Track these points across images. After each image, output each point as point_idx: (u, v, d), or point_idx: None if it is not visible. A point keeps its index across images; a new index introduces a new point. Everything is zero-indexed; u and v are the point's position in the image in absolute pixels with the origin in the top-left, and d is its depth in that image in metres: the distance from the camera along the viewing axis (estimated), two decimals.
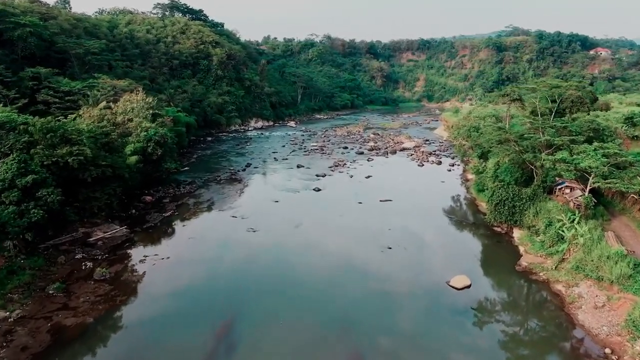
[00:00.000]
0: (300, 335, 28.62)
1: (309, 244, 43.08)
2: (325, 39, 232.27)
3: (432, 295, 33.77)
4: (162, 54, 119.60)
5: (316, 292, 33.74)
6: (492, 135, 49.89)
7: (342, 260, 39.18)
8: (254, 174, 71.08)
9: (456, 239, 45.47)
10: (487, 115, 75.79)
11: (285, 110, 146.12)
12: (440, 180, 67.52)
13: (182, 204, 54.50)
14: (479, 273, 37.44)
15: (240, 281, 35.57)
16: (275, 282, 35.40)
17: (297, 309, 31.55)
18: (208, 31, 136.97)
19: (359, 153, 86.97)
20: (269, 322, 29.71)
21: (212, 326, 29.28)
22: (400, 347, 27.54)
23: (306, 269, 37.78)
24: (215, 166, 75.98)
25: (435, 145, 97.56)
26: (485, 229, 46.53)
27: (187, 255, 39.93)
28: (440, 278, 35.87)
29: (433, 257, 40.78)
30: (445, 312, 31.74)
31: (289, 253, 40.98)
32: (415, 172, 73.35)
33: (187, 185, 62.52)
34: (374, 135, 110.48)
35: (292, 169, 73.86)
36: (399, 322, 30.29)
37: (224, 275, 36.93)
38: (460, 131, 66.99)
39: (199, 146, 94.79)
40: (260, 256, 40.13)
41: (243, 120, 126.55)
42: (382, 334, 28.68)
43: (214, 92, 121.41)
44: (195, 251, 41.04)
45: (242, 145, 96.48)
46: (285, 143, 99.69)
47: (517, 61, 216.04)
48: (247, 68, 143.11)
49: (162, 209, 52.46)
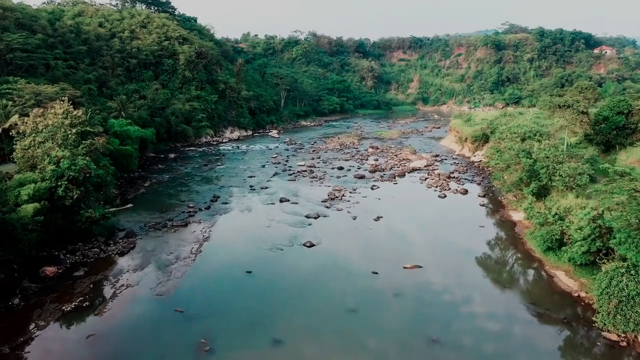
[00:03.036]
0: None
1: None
2: (310, 36, 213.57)
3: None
4: (117, 51, 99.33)
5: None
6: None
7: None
8: (222, 214, 51.99)
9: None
10: (529, 130, 58.03)
11: (267, 117, 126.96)
12: (476, 222, 49.42)
13: (100, 281, 35.22)
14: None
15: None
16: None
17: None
18: (175, 25, 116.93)
19: (359, 177, 68.48)
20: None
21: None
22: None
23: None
24: (170, 201, 56.68)
25: (449, 163, 79.74)
26: (587, 330, 28.56)
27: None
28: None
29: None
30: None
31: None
32: (437, 207, 55.18)
33: (121, 239, 43.16)
34: (372, 148, 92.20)
35: (274, 205, 54.98)
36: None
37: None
38: (502, 156, 48.95)
39: (156, 167, 75.13)
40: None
41: (216, 130, 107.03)
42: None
43: (181, 98, 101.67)
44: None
45: (211, 165, 77.12)
46: (265, 161, 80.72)
47: (518, 60, 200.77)
48: (221, 69, 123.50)
49: (67, 292, 33.24)
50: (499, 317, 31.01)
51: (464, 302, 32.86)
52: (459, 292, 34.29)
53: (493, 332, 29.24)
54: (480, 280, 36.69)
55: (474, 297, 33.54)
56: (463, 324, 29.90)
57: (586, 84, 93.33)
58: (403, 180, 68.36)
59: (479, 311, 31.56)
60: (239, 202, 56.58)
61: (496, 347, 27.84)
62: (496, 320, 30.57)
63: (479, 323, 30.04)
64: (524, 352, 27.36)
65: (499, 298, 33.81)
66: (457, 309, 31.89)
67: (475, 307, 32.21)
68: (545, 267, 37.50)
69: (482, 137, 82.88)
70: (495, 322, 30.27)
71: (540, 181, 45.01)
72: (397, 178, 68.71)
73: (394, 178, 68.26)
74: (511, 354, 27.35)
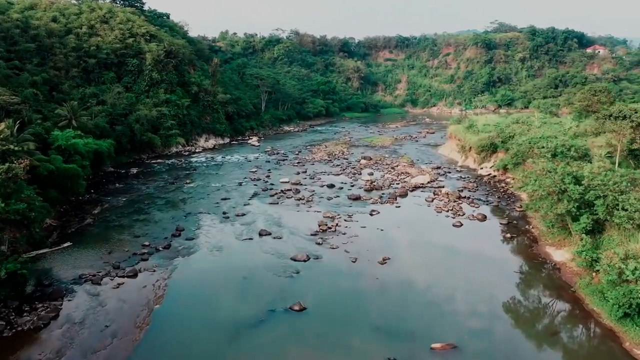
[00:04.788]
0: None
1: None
2: (292, 34, 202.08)
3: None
4: (72, 49, 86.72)
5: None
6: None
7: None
8: (184, 256, 40.61)
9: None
10: (560, 144, 48.11)
11: (246, 123, 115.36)
12: (508, 264, 39.18)
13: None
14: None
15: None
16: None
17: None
18: (141, 21, 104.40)
19: (354, 198, 57.80)
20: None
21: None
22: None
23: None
24: (121, 236, 45.09)
25: (454, 177, 69.72)
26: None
27: None
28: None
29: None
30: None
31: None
32: (454, 240, 44.70)
33: (42, 304, 31.58)
34: (365, 160, 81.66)
35: (252, 241, 43.88)
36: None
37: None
38: (541, 181, 38.67)
39: (112, 186, 63.25)
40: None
41: (188, 138, 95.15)
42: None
43: (147, 102, 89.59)
44: None
45: (179, 183, 65.56)
46: (243, 177, 69.45)
47: (509, 60, 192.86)
48: (195, 69, 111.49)
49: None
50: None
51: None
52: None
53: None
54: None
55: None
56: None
57: (600, 86, 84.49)
58: (405, 201, 57.96)
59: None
60: (207, 236, 45.27)
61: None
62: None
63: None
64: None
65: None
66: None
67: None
68: (625, 343, 27.35)
69: (490, 147, 73.19)
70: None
71: (594, 214, 34.99)
72: (399, 198, 58.27)
73: (395, 199, 57.78)
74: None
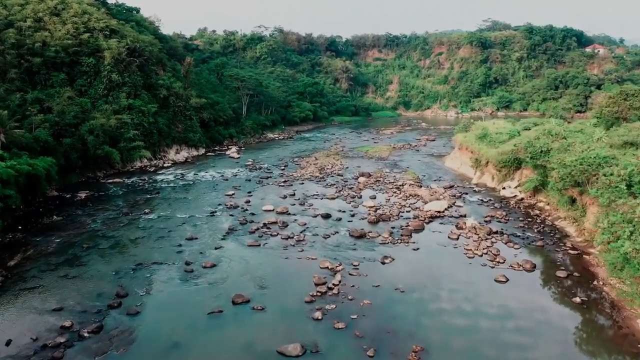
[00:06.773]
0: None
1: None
2: (276, 32, 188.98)
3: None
4: (11, 46, 72.39)
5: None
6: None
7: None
8: (121, 349, 27.20)
9: None
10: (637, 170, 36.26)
11: (224, 130, 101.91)
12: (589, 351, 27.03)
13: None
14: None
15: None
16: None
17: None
18: (100, 14, 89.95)
19: (357, 236, 45.04)
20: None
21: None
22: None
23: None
24: (32, 310, 31.50)
25: (473, 200, 57.74)
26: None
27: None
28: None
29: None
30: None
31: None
32: (504, 309, 32.01)
33: None
34: (363, 177, 69.08)
35: (221, 316, 30.81)
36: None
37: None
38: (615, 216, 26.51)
39: (48, 219, 49.41)
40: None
41: (155, 150, 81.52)
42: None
43: (105, 109, 75.71)
44: None
45: (134, 214, 52.08)
46: (217, 204, 56.20)
47: (506, 60, 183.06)
48: (165, 70, 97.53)
49: None
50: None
51: None
52: None
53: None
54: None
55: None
56: None
57: (632, 88, 73.27)
58: (423, 238, 45.54)
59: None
60: (159, 309, 32.07)
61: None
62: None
63: None
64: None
65: None
66: None
67: None
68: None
69: (513, 163, 61.55)
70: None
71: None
72: (414, 235, 45.83)
73: (410, 236, 45.26)
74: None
